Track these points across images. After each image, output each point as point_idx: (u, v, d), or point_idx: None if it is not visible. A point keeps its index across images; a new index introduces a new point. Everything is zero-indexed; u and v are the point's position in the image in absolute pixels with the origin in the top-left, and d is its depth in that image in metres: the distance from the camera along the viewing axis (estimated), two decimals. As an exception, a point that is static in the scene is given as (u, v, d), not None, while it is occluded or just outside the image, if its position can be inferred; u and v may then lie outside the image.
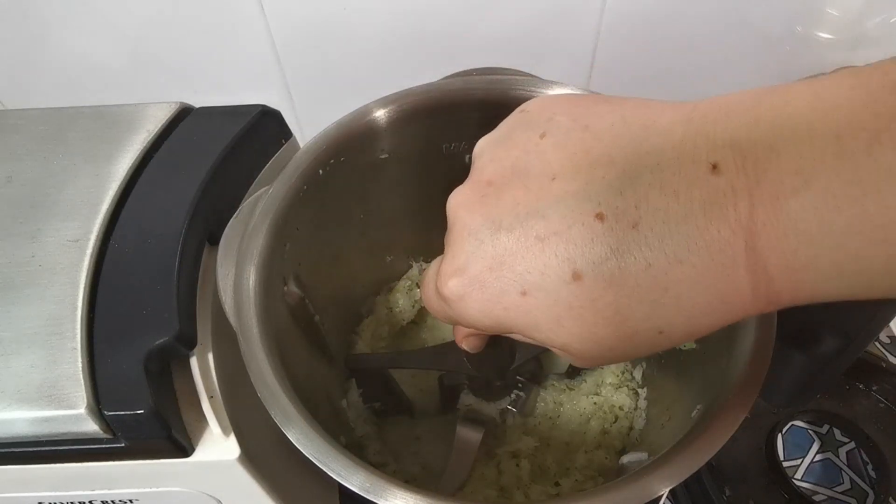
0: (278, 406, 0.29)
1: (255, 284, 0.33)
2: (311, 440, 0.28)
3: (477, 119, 0.42)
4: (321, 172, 0.38)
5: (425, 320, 0.50)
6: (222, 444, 0.32)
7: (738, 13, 0.59)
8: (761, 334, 0.31)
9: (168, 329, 0.30)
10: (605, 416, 0.45)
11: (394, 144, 0.41)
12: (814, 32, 0.61)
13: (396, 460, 0.44)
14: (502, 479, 0.42)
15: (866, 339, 0.38)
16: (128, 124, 0.39)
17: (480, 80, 0.41)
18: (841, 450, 0.53)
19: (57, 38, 0.59)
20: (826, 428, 0.54)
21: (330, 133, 0.38)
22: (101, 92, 0.63)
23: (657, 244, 0.20)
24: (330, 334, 0.42)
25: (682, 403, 0.37)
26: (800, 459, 0.52)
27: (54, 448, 0.30)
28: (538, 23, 0.59)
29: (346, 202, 0.41)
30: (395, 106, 0.40)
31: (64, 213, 0.34)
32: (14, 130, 0.39)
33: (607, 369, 0.47)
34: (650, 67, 0.64)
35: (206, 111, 0.41)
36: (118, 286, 0.32)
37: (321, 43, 0.60)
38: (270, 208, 0.35)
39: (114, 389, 0.29)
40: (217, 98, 0.42)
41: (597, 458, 0.43)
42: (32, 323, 0.31)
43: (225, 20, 0.57)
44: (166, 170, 0.36)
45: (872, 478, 0.51)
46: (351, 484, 0.27)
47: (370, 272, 0.48)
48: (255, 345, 0.31)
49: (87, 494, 0.34)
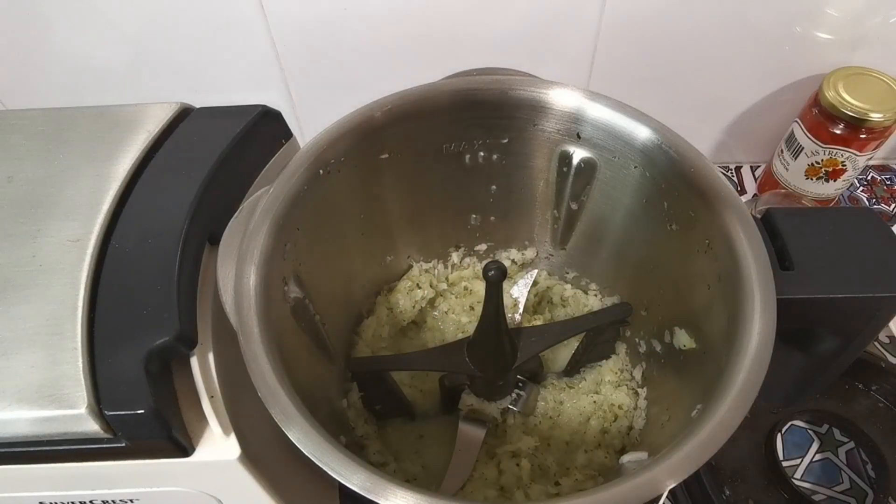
0: (279, 406, 0.29)
1: (255, 284, 0.33)
2: (311, 440, 0.28)
3: (477, 119, 0.42)
4: (321, 172, 0.38)
5: (426, 321, 0.50)
6: (222, 444, 0.32)
7: (737, 13, 0.59)
8: (761, 334, 0.31)
9: (168, 329, 0.30)
10: (605, 416, 0.45)
11: (394, 144, 0.41)
12: (813, 32, 0.61)
13: (397, 460, 0.44)
14: (502, 478, 0.42)
15: (866, 339, 0.38)
16: (128, 124, 0.39)
17: (480, 80, 0.41)
18: (840, 449, 0.53)
19: (58, 38, 0.59)
20: (825, 428, 0.54)
21: (330, 133, 0.38)
22: (101, 92, 0.64)
23: None
24: (330, 334, 0.42)
25: (682, 403, 0.37)
26: (799, 459, 0.52)
27: (54, 448, 0.30)
28: (538, 23, 0.59)
29: (346, 202, 0.41)
30: (395, 106, 0.40)
31: (64, 213, 0.34)
32: (14, 130, 0.39)
33: (606, 367, 0.47)
34: (650, 68, 0.64)
35: (206, 111, 0.41)
36: (119, 286, 0.32)
37: (321, 43, 0.60)
38: (271, 208, 0.35)
39: (114, 389, 0.29)
40: (217, 98, 0.42)
41: (597, 458, 0.43)
42: (33, 323, 0.31)
43: (225, 21, 0.57)
44: (167, 170, 0.36)
45: (872, 477, 0.51)
46: (351, 483, 0.27)
47: (370, 272, 0.48)
48: (255, 345, 0.31)
49: (87, 494, 0.34)
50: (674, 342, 0.41)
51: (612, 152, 0.41)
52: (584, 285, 0.50)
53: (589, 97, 0.40)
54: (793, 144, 0.66)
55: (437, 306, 0.50)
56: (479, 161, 0.44)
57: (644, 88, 0.66)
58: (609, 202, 0.43)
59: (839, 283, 0.34)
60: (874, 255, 0.34)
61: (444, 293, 0.51)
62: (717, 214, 0.35)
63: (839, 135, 0.61)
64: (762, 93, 0.68)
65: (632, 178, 0.41)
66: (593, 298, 0.49)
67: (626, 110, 0.39)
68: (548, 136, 0.42)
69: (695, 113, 0.70)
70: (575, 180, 0.44)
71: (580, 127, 0.41)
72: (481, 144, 0.44)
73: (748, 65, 0.64)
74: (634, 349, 0.47)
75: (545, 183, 0.45)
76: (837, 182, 0.66)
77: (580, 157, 0.42)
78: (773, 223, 0.36)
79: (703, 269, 0.37)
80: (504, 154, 0.44)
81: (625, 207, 0.43)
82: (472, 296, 0.50)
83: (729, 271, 0.34)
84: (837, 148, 0.62)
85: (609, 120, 0.40)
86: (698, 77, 0.65)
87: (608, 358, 0.48)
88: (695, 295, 0.38)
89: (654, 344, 0.44)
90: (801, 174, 0.67)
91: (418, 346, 0.49)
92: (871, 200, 0.74)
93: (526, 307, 0.50)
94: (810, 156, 0.65)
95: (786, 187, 0.69)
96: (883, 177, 0.76)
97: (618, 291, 0.48)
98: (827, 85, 0.61)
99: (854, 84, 0.61)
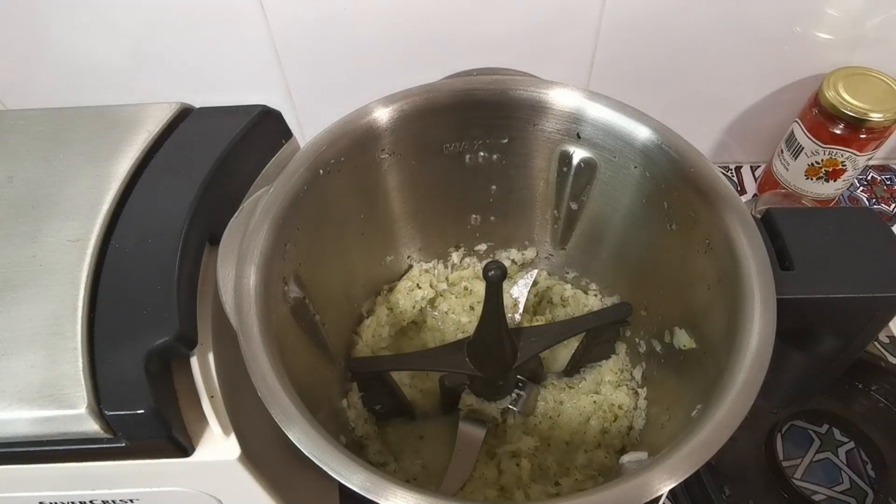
0: (279, 406, 0.29)
1: (255, 284, 0.33)
2: (311, 440, 0.28)
3: (477, 119, 0.42)
4: (321, 172, 0.38)
5: (426, 321, 0.50)
6: (222, 444, 0.32)
7: (737, 13, 0.59)
8: (761, 334, 0.31)
9: (168, 329, 0.30)
10: (605, 416, 0.45)
11: (394, 144, 0.41)
12: (813, 32, 0.61)
13: (397, 460, 0.44)
14: (503, 478, 0.42)
15: (866, 339, 0.38)
16: (128, 124, 0.39)
17: (480, 80, 0.41)
18: (840, 449, 0.53)
19: (58, 38, 0.59)
20: (825, 428, 0.54)
21: (330, 133, 0.38)
22: (101, 92, 0.64)
23: None
24: (330, 334, 0.42)
25: (682, 403, 0.37)
26: (799, 459, 0.52)
27: (55, 448, 0.30)
28: (538, 23, 0.59)
29: (346, 202, 0.41)
30: (395, 106, 0.40)
31: (64, 213, 0.34)
32: (14, 130, 0.39)
33: (606, 367, 0.47)
34: (650, 68, 0.64)
35: (206, 111, 0.41)
36: (119, 286, 0.32)
37: (321, 43, 0.60)
38: (271, 208, 0.35)
39: (114, 389, 0.29)
40: (217, 98, 0.42)
41: (597, 458, 0.43)
42: (33, 323, 0.31)
43: (225, 20, 0.57)
44: (167, 170, 0.36)
45: (872, 477, 0.51)
46: (351, 483, 0.27)
47: (370, 272, 0.48)
48: (255, 345, 0.31)
49: (87, 494, 0.34)
50: (674, 342, 0.41)
51: (612, 152, 0.41)
52: (584, 285, 0.50)
53: (589, 97, 0.40)
54: (793, 144, 0.66)
55: (437, 306, 0.50)
56: (479, 161, 0.44)
57: (644, 88, 0.66)
58: (609, 202, 0.43)
59: (839, 283, 0.34)
60: (874, 255, 0.34)
61: (444, 293, 0.51)
62: (717, 214, 0.35)
63: (839, 135, 0.61)
64: (762, 93, 0.68)
65: (632, 178, 0.41)
66: (593, 298, 0.49)
67: (626, 110, 0.39)
68: (548, 136, 0.42)
69: (695, 113, 0.70)
70: (575, 180, 0.44)
71: (580, 127, 0.41)
72: (481, 144, 0.44)
73: (748, 65, 0.64)
74: (634, 349, 0.47)
75: (545, 183, 0.45)
76: (837, 182, 0.66)
77: (580, 157, 0.42)
78: (773, 223, 0.36)
79: (703, 269, 0.37)
80: (504, 154, 0.44)
81: (625, 207, 0.43)
82: (472, 296, 0.50)
83: (729, 271, 0.34)
84: (837, 148, 0.62)
85: (609, 120, 0.40)
86: (698, 77, 0.65)
87: (608, 358, 0.48)
88: (695, 295, 0.38)
89: (654, 344, 0.44)
90: (801, 174, 0.67)
91: (418, 346, 0.49)
92: (871, 200, 0.74)
93: (526, 307, 0.50)
94: (810, 156, 0.65)
95: (786, 187, 0.69)
96: (883, 177, 0.76)
97: (618, 291, 0.48)
98: (827, 85, 0.61)
99: (854, 84, 0.61)
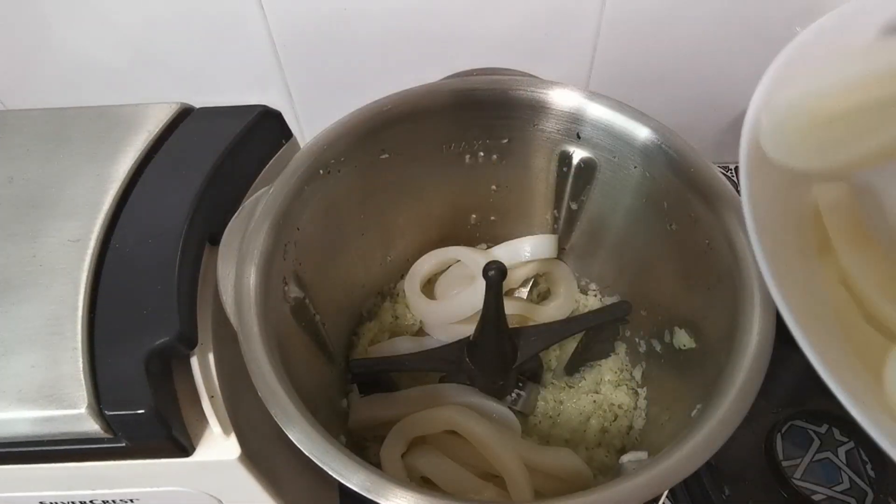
0: (279, 406, 0.29)
1: (255, 284, 0.33)
2: (311, 440, 0.28)
3: (477, 119, 0.42)
4: (321, 172, 0.38)
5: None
6: (223, 444, 0.32)
7: (737, 13, 0.59)
8: (761, 334, 0.31)
9: (169, 329, 0.30)
10: (605, 415, 0.45)
11: (394, 144, 0.41)
12: (813, 32, 0.61)
13: (397, 460, 0.44)
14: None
15: (866, 339, 0.38)
16: (128, 124, 0.39)
17: (480, 80, 0.41)
18: (840, 449, 0.53)
19: (58, 38, 0.59)
20: (825, 427, 0.54)
21: (330, 133, 0.38)
22: (101, 92, 0.63)
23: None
24: (330, 334, 0.43)
25: (682, 403, 0.37)
26: (799, 459, 0.52)
27: (55, 448, 0.30)
28: (538, 23, 0.59)
29: (346, 202, 0.41)
30: (395, 106, 0.40)
31: (65, 213, 0.34)
32: (14, 130, 0.39)
33: (606, 366, 0.47)
34: (650, 68, 0.64)
35: (206, 111, 0.41)
36: (119, 286, 0.32)
37: (321, 43, 0.60)
38: (271, 208, 0.35)
39: (114, 389, 0.29)
40: (217, 98, 0.42)
41: (597, 457, 0.43)
42: (33, 323, 0.31)
43: (225, 20, 0.57)
44: (167, 170, 0.36)
45: (872, 477, 0.51)
46: (351, 483, 0.27)
47: (370, 272, 0.48)
48: (255, 345, 0.31)
49: (87, 494, 0.34)
50: (674, 342, 0.41)
51: (612, 152, 0.41)
52: (583, 285, 0.50)
53: (589, 97, 0.40)
54: (793, 144, 0.66)
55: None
56: (479, 161, 0.44)
57: (644, 88, 0.66)
58: (609, 202, 0.43)
59: (839, 283, 0.33)
60: (874, 255, 0.34)
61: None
62: (717, 214, 0.35)
63: (839, 135, 0.61)
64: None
65: (632, 177, 0.41)
66: (593, 298, 0.49)
67: (625, 110, 0.39)
68: (548, 136, 0.42)
69: (695, 113, 0.70)
70: (575, 180, 0.44)
71: (580, 127, 0.41)
72: (481, 144, 0.44)
73: (748, 65, 0.64)
74: (634, 349, 0.47)
75: (545, 183, 0.45)
76: (837, 182, 0.66)
77: (580, 157, 0.42)
78: (772, 223, 0.36)
79: (703, 269, 0.37)
80: (504, 154, 0.44)
81: (625, 207, 0.43)
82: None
83: (729, 271, 0.34)
84: (837, 148, 0.62)
85: (609, 120, 0.40)
86: (698, 77, 0.65)
87: (608, 357, 0.48)
88: (695, 295, 0.38)
89: (653, 344, 0.44)
90: (800, 174, 0.67)
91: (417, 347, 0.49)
92: (871, 200, 0.74)
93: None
94: (810, 156, 0.65)
95: (786, 187, 0.69)
96: (883, 177, 0.76)
97: (617, 291, 0.48)
98: (827, 85, 0.61)
99: (854, 84, 0.61)
